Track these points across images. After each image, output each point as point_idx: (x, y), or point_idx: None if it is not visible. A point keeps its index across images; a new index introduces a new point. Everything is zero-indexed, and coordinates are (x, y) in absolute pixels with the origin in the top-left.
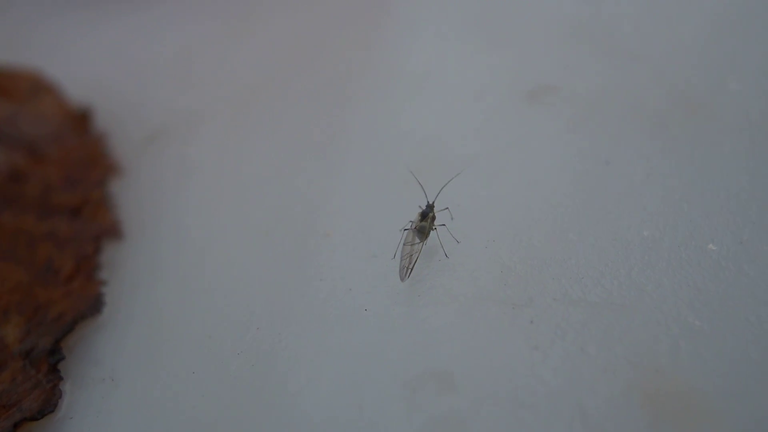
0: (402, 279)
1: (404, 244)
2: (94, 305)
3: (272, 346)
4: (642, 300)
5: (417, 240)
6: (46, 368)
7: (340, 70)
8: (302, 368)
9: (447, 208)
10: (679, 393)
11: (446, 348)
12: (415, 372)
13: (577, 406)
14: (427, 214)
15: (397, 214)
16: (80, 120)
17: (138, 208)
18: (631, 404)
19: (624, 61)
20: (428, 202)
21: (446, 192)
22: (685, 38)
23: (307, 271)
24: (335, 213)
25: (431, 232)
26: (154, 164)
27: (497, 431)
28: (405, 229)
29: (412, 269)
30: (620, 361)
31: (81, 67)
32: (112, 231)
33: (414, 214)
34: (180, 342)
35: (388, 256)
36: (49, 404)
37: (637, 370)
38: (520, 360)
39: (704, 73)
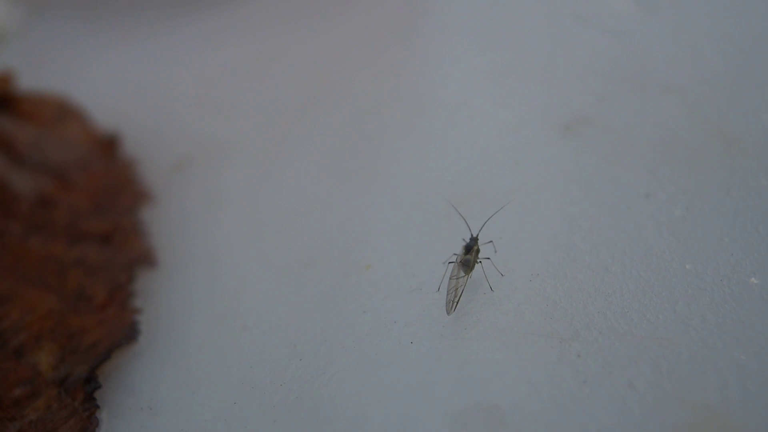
0: (448, 312)
1: (450, 278)
2: (129, 333)
3: (316, 378)
4: (688, 334)
5: (462, 273)
6: (82, 396)
7: (372, 100)
8: (349, 403)
9: (491, 241)
10: (728, 429)
11: (494, 382)
12: (464, 406)
13: None
14: (471, 248)
15: (438, 247)
16: (108, 146)
17: (170, 237)
18: None
19: (657, 93)
20: (472, 235)
21: (488, 225)
22: (717, 70)
23: (350, 304)
24: (375, 245)
25: (475, 265)
26: (185, 193)
27: None
28: (450, 263)
29: (458, 302)
30: (669, 397)
31: (106, 92)
32: (145, 258)
33: (456, 247)
34: (220, 372)
35: (431, 288)
36: None
37: (687, 406)
38: (569, 395)
39: (737, 106)
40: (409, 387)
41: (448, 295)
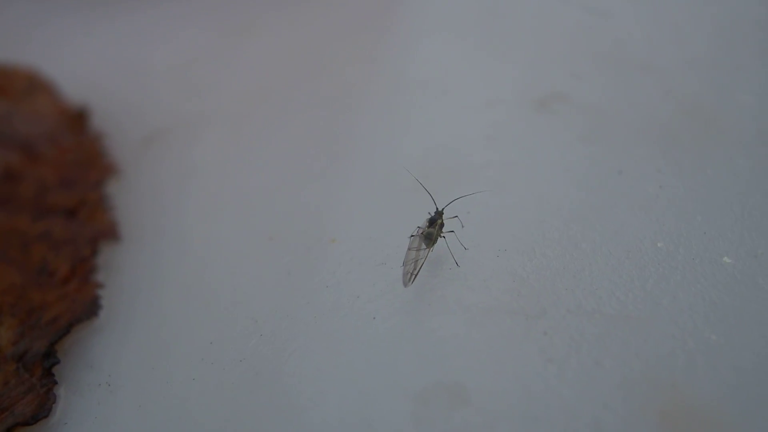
0: (405, 284)
1: (409, 249)
2: (90, 308)
3: (276, 355)
4: (658, 313)
5: (423, 246)
6: (40, 372)
7: (345, 77)
8: (309, 379)
9: (457, 216)
10: (696, 409)
11: (458, 359)
12: (426, 384)
13: (593, 421)
14: (435, 221)
15: (405, 223)
16: (77, 120)
17: (137, 211)
18: (647, 421)
19: (634, 71)
20: (437, 209)
21: (458, 199)
22: (695, 50)
23: (313, 279)
24: (341, 220)
25: (439, 239)
26: (154, 167)
27: None
28: (412, 235)
29: (416, 275)
30: (636, 375)
31: (79, 66)
32: (109, 233)
33: (423, 221)
34: (180, 348)
35: (396, 264)
36: (43, 409)
37: (653, 385)
38: (534, 373)
39: (715, 86)
40: (370, 363)
41: (405, 266)
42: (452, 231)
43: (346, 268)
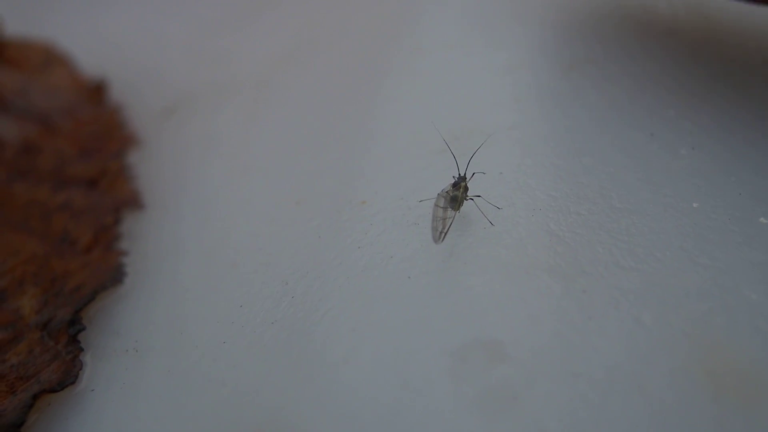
0: (435, 241)
1: (436, 206)
2: (114, 276)
3: (308, 315)
4: (696, 272)
5: (451, 207)
6: (65, 339)
7: (369, 41)
8: (342, 339)
9: (483, 172)
10: (738, 367)
11: (495, 316)
12: (463, 341)
13: (635, 378)
14: (458, 184)
15: (435, 182)
16: (94, 92)
17: (160, 179)
18: (690, 378)
19: (662, 36)
20: (459, 173)
21: (489, 160)
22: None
23: (344, 240)
24: (370, 182)
25: (466, 201)
26: (177, 136)
27: (553, 404)
28: (438, 194)
29: (446, 233)
30: (677, 333)
31: (98, 38)
32: (131, 202)
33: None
34: (209, 312)
35: (429, 224)
36: (69, 376)
37: (695, 342)
38: (573, 330)
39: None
40: (406, 322)
41: (434, 222)
42: (479, 196)
43: (378, 228)
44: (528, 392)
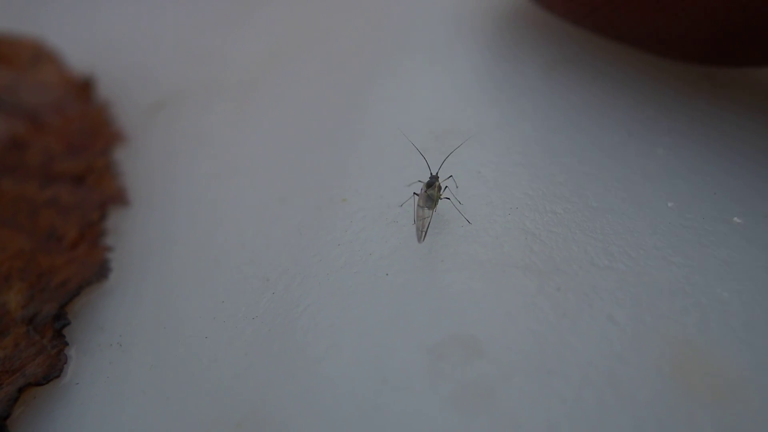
0: (419, 241)
1: (418, 207)
2: (99, 271)
3: (289, 311)
4: (670, 271)
5: (427, 206)
6: (50, 334)
7: (351, 42)
8: (322, 334)
9: (451, 176)
10: (709, 364)
11: (472, 313)
12: (441, 337)
13: (608, 374)
14: (432, 184)
15: (415, 182)
16: (82, 88)
17: (147, 176)
18: (662, 374)
19: None
20: (431, 172)
21: (467, 160)
22: None
23: (324, 237)
24: (351, 180)
25: (439, 201)
26: (164, 133)
27: (528, 399)
28: (415, 194)
29: (426, 232)
30: (649, 331)
31: (87, 35)
32: (117, 198)
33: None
34: (191, 308)
35: (407, 221)
36: (54, 369)
37: (667, 340)
38: (548, 327)
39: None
40: (385, 318)
41: (416, 223)
42: (447, 198)
43: (358, 226)
44: (504, 388)
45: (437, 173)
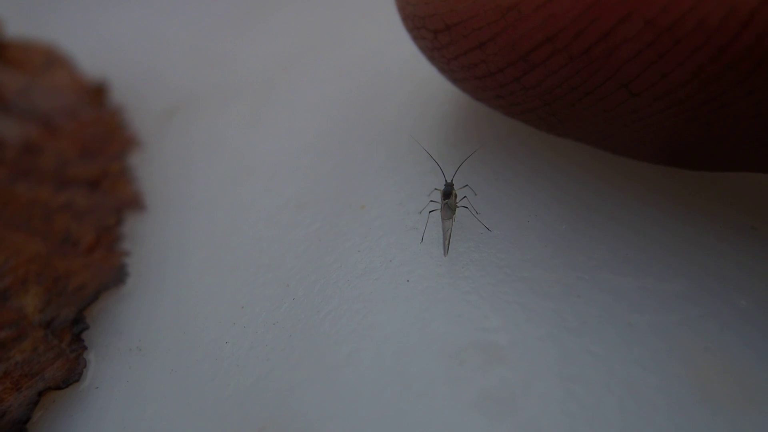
0: (444, 253)
1: (442, 219)
2: (117, 276)
3: (310, 317)
4: (688, 279)
5: (447, 217)
6: (69, 338)
7: (368, 48)
8: (343, 340)
9: (467, 185)
10: (728, 372)
11: (493, 319)
12: (462, 343)
13: (627, 381)
14: (449, 193)
15: (433, 188)
16: (95, 93)
17: (162, 181)
18: (681, 381)
19: None
20: (446, 180)
21: (485, 167)
22: None
23: (344, 244)
24: (369, 187)
25: (456, 209)
26: (179, 138)
27: (549, 404)
28: (432, 201)
29: (449, 244)
30: (670, 338)
31: (100, 40)
32: (133, 203)
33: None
34: (211, 313)
35: (427, 229)
36: (73, 373)
37: (687, 347)
38: (570, 333)
39: None
40: (405, 324)
41: (443, 236)
42: (465, 206)
43: (378, 233)
44: (525, 394)
45: (452, 181)
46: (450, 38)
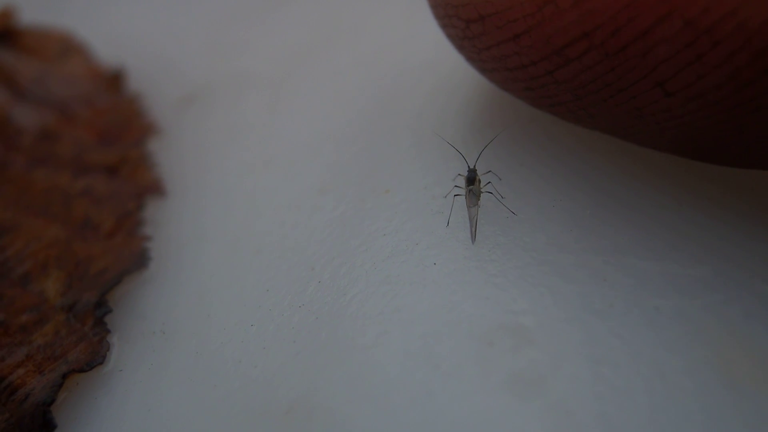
0: (472, 241)
1: (468, 207)
2: (138, 260)
3: (336, 299)
4: (711, 265)
5: (473, 204)
6: (92, 321)
7: (388, 38)
8: (371, 322)
9: (491, 170)
10: (752, 355)
11: (520, 302)
12: (490, 325)
13: (655, 364)
14: (473, 179)
15: (459, 172)
16: (112, 81)
17: (183, 168)
18: (709, 365)
19: None
20: (469, 166)
21: (510, 151)
22: None
23: (369, 228)
24: (393, 171)
25: (481, 194)
26: (198, 126)
27: (578, 387)
28: (456, 193)
29: (476, 230)
30: (694, 322)
31: (117, 27)
32: (154, 189)
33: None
34: (235, 297)
35: (453, 212)
36: (97, 356)
37: (711, 332)
38: (597, 316)
39: None
40: (433, 306)
41: (470, 223)
42: (490, 192)
43: (403, 217)
44: (554, 376)
45: (474, 166)
46: (483, 29)
